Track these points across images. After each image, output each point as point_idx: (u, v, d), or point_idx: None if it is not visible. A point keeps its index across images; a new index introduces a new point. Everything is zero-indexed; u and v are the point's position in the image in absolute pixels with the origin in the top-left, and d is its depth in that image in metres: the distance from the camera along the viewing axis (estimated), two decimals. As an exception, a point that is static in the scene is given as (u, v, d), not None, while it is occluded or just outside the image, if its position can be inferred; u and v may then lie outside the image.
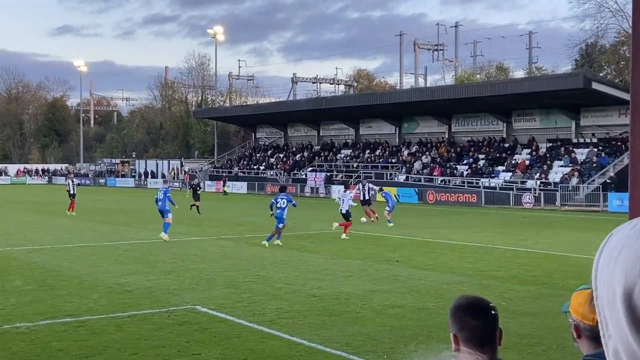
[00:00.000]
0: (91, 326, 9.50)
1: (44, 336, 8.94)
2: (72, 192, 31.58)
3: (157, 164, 75.94)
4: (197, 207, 31.29)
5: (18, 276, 13.76)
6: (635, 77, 3.07)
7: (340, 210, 22.19)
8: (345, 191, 23.25)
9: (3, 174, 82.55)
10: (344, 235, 21.05)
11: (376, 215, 27.03)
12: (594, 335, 2.40)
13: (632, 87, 3.20)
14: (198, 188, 33.33)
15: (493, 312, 2.47)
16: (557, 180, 39.69)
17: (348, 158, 56.91)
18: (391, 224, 25.23)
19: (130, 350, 8.28)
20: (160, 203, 21.08)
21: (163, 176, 70.69)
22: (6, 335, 9.04)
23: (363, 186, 28.43)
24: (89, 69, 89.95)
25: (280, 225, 19.13)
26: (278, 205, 19.26)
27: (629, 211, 3.42)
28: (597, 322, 2.63)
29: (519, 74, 76.00)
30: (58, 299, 11.42)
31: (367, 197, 27.91)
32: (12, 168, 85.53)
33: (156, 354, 8.12)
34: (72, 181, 32.80)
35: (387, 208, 26.11)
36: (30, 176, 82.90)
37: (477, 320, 2.40)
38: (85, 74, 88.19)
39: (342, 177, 52.69)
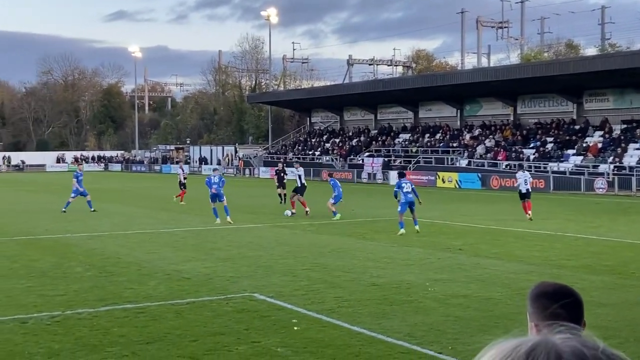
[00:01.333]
0: (151, 312, 9.56)
1: (105, 322, 9.04)
2: (182, 180, 30.74)
3: (211, 150, 76.74)
4: (283, 195, 27.88)
5: (78, 263, 13.98)
6: None
7: (521, 190, 23.64)
8: (523, 172, 24.41)
9: (61, 161, 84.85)
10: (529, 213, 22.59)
11: (306, 209, 24.12)
12: None
13: None
14: (283, 174, 28.86)
15: (580, 299, 2.31)
16: (633, 164, 38.01)
17: (407, 142, 56.09)
18: (337, 216, 22.55)
19: (190, 337, 8.30)
20: (215, 186, 21.50)
21: (218, 162, 71.41)
22: (69, 320, 9.19)
23: (297, 169, 25.91)
24: (142, 55, 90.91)
25: (414, 207, 19.23)
26: (404, 190, 19.01)
27: None
28: None
29: (591, 51, 73.12)
30: (118, 286, 11.53)
31: (303, 183, 25.03)
32: (69, 155, 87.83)
33: (216, 341, 8.11)
34: (183, 169, 32.32)
35: (331, 200, 23.16)
36: (87, 163, 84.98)
37: (564, 308, 2.21)
38: (139, 59, 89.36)
39: (400, 163, 52.03)
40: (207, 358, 7.46)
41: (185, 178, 31.24)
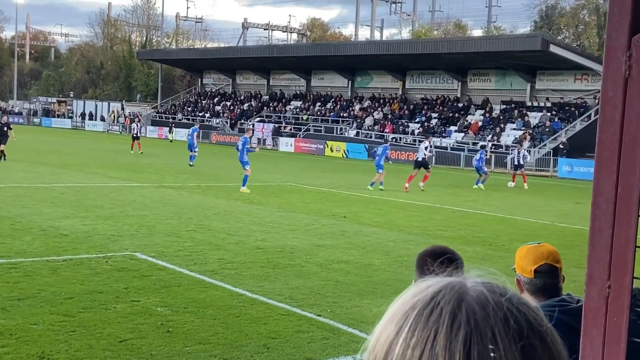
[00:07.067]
0: (24, 268, 9.15)
1: (-29, 278, 8.52)
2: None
3: (96, 105, 73.73)
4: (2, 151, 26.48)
5: (-56, 214, 13.06)
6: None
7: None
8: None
9: None
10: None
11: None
12: (534, 288, 2.51)
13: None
14: (7, 128, 27.48)
15: (457, 260, 2.50)
16: (509, 143, 40.28)
17: (298, 110, 56.34)
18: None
19: (65, 294, 8.02)
20: (239, 154, 20.67)
21: (102, 119, 68.79)
22: None
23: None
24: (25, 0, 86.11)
25: (480, 172, 27.08)
26: (475, 157, 26.97)
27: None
28: (534, 274, 2.51)
29: (477, 32, 76.47)
30: (-12, 240, 10.88)
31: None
32: None
33: (93, 299, 7.88)
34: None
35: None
36: None
37: (440, 266, 2.37)
38: (21, 5, 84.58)
39: (290, 129, 52.16)
40: (82, 315, 7.25)
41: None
